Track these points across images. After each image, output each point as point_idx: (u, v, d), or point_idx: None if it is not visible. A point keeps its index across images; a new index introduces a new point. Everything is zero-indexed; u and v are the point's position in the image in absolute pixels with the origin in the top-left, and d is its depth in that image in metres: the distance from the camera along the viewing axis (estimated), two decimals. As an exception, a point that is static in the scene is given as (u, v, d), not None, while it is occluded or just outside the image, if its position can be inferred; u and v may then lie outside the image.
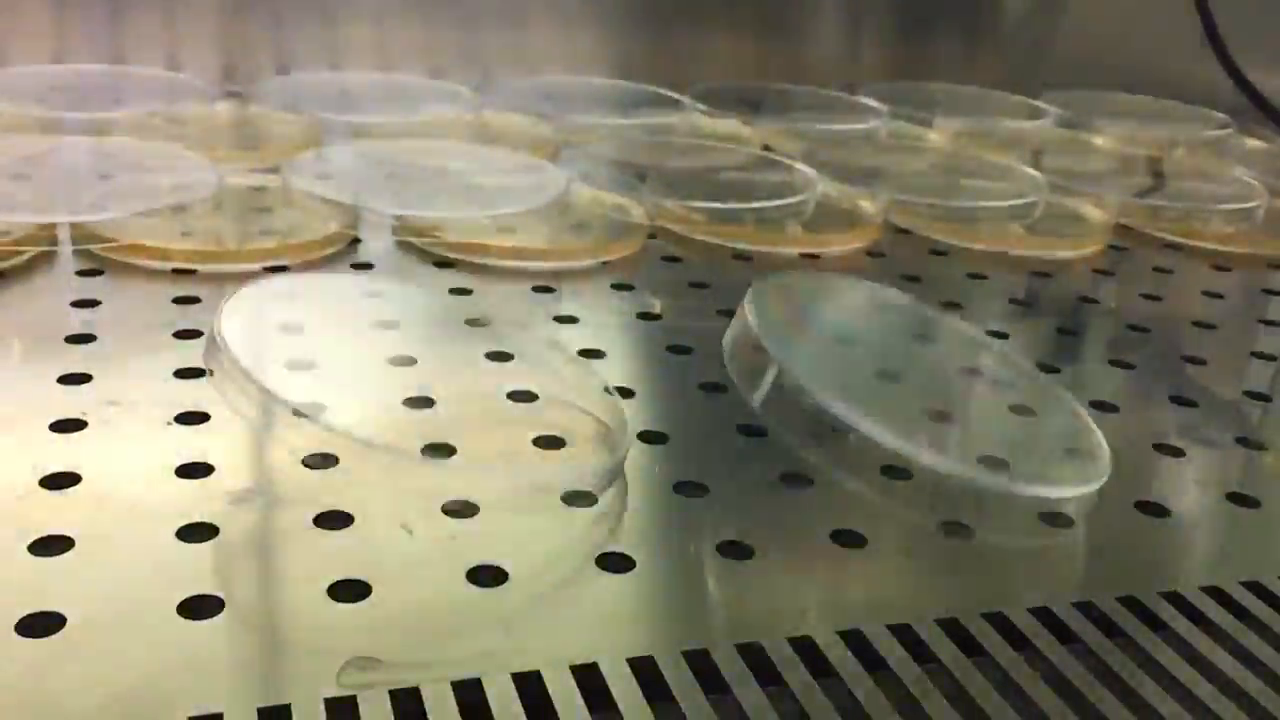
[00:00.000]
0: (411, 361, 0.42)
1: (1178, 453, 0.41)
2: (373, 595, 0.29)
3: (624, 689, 0.26)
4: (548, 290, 0.50)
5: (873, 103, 0.81)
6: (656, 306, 0.50)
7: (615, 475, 0.34)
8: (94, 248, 0.49)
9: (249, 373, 0.32)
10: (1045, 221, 0.64)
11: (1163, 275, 0.60)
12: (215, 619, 0.28)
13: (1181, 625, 0.31)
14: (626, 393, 0.41)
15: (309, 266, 0.50)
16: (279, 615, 0.29)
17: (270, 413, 0.32)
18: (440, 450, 0.36)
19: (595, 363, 0.43)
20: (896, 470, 0.37)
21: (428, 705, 0.25)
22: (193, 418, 0.36)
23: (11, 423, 0.36)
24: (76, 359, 0.40)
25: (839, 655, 0.28)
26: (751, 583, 0.31)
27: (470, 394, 0.41)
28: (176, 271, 0.48)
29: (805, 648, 0.28)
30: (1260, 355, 0.51)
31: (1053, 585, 0.33)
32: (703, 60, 0.86)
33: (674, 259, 0.56)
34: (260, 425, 0.32)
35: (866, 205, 0.63)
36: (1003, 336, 0.50)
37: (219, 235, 0.52)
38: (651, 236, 0.58)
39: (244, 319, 0.36)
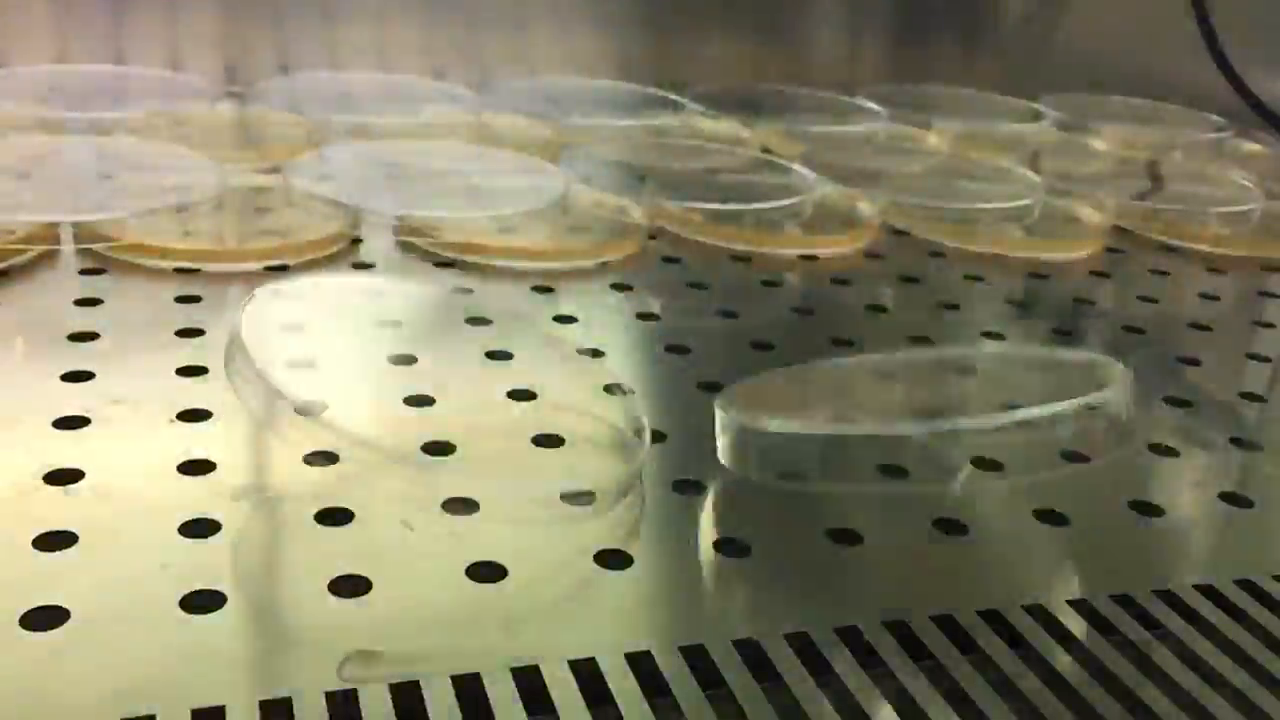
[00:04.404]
0: (412, 361, 0.42)
1: (1172, 453, 0.41)
2: (373, 590, 0.29)
3: (622, 684, 0.27)
4: (547, 290, 0.50)
5: (871, 105, 0.81)
6: (656, 307, 0.50)
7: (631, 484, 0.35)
8: (97, 247, 0.49)
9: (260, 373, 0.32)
10: (1042, 224, 0.64)
11: (1159, 277, 0.61)
12: (217, 614, 0.28)
13: (1175, 623, 0.31)
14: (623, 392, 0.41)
15: (310, 266, 0.50)
16: (280, 610, 0.29)
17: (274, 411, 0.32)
18: (439, 450, 0.36)
19: (594, 362, 0.44)
20: (892, 469, 0.37)
21: (428, 699, 0.26)
22: (195, 415, 0.37)
23: (15, 420, 0.36)
24: (79, 357, 0.40)
25: (835, 651, 0.29)
26: (748, 579, 0.32)
27: (470, 393, 0.41)
28: (178, 271, 0.48)
29: (801, 644, 0.29)
30: (1255, 357, 0.52)
31: (1047, 583, 0.33)
32: (702, 62, 0.86)
33: (673, 260, 0.56)
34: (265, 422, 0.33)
35: (865, 207, 0.63)
36: (1000, 338, 0.51)
37: (220, 235, 0.52)
38: (651, 237, 0.58)
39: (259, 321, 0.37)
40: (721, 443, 0.36)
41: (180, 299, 0.46)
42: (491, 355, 0.43)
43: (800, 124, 0.77)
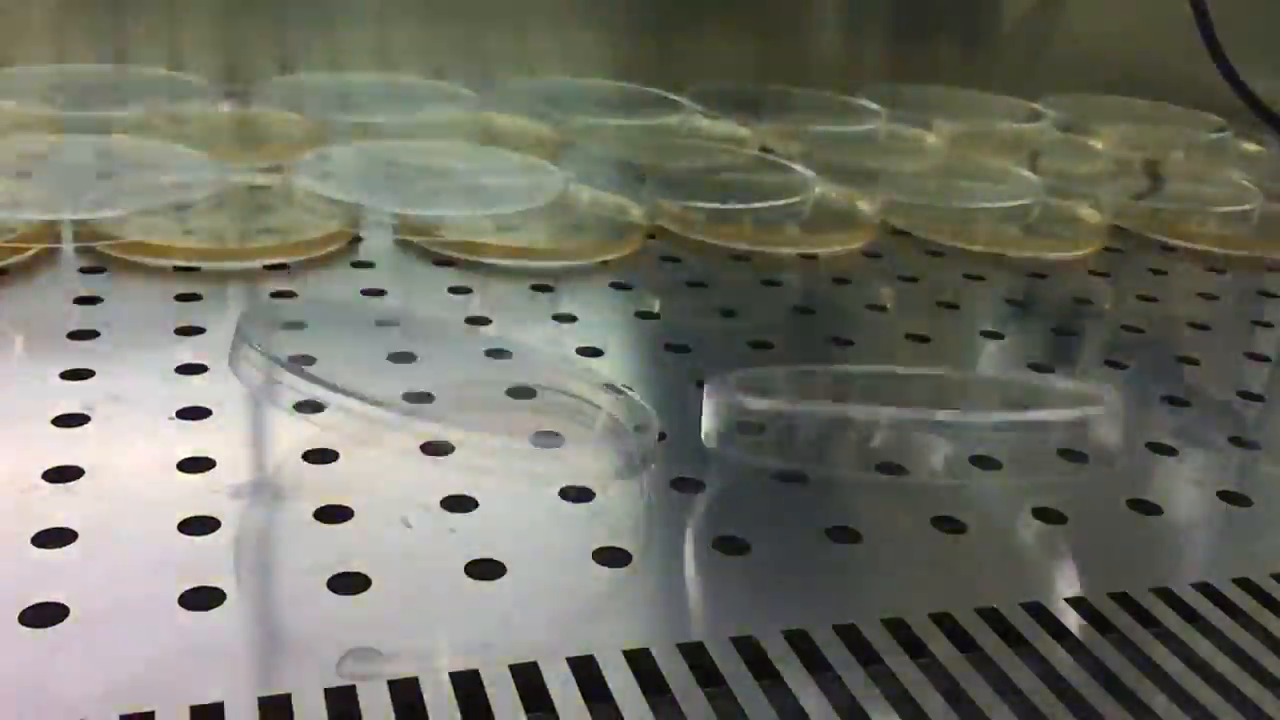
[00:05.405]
0: (411, 358, 0.42)
1: (1170, 452, 0.41)
2: (372, 588, 0.29)
3: (620, 681, 0.27)
4: (547, 289, 0.51)
5: (871, 105, 0.81)
6: (655, 306, 0.50)
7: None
8: (97, 245, 0.49)
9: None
10: (1042, 223, 0.64)
11: (1158, 277, 0.61)
12: (216, 611, 0.28)
13: (1173, 621, 0.31)
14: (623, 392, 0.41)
15: (310, 265, 0.51)
16: (279, 607, 0.29)
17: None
18: (438, 449, 0.36)
19: (594, 361, 0.44)
20: (891, 467, 0.37)
21: (426, 696, 0.26)
22: (194, 413, 0.37)
23: (15, 418, 0.36)
24: (79, 355, 0.40)
25: (834, 650, 0.29)
26: (746, 577, 0.32)
27: (469, 391, 0.41)
28: (178, 269, 0.48)
29: (800, 642, 0.29)
30: (1254, 356, 0.52)
31: (1046, 581, 0.33)
32: (702, 62, 0.86)
33: (673, 259, 0.56)
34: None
35: (864, 206, 0.63)
36: (999, 337, 0.51)
37: (221, 233, 0.52)
38: (650, 236, 0.58)
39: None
40: (705, 423, 0.36)
41: (180, 297, 0.46)
42: (491, 353, 0.43)
43: (800, 123, 0.77)
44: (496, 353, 0.43)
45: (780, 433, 0.35)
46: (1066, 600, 0.32)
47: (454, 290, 0.50)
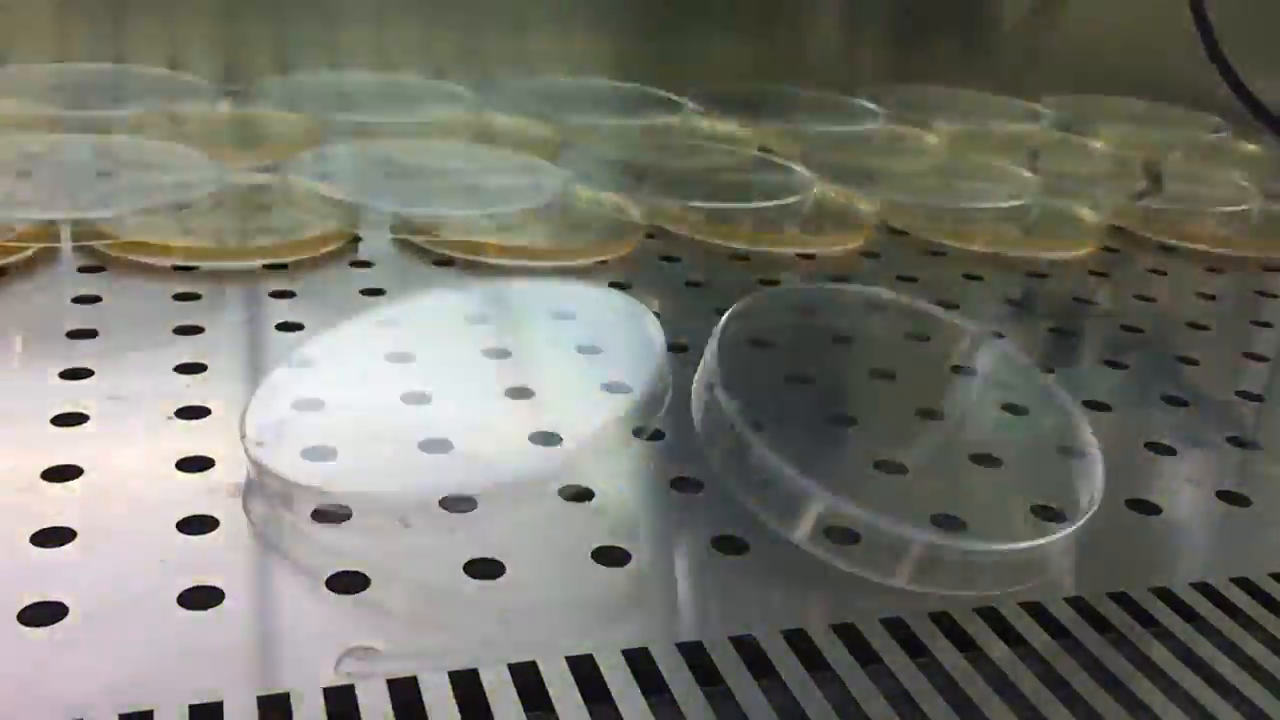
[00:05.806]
0: (410, 358, 0.42)
1: (1169, 451, 0.41)
2: (371, 587, 0.29)
3: (619, 681, 0.27)
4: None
5: (870, 105, 0.81)
6: (654, 305, 0.50)
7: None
8: (96, 244, 0.49)
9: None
10: (1041, 223, 0.64)
11: (1157, 277, 0.61)
12: (215, 609, 0.28)
13: (1172, 621, 0.31)
14: (624, 389, 0.41)
15: (309, 264, 0.51)
16: (278, 606, 0.29)
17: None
18: (436, 447, 0.36)
19: (592, 360, 0.44)
20: (890, 465, 0.37)
21: (425, 695, 0.26)
22: (193, 412, 0.37)
23: (14, 417, 0.36)
24: (78, 354, 0.40)
25: (832, 649, 0.29)
26: (746, 577, 0.32)
27: (468, 391, 0.41)
28: (177, 268, 0.48)
29: (799, 641, 0.29)
30: (1252, 356, 0.52)
31: (1045, 580, 0.33)
32: (702, 62, 0.86)
33: (671, 259, 0.56)
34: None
35: (863, 206, 0.63)
36: (998, 337, 0.51)
37: (219, 233, 0.52)
38: (649, 236, 0.58)
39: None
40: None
41: (179, 297, 0.46)
42: (489, 353, 0.43)
43: (799, 124, 0.77)
44: (496, 352, 0.43)
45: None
46: (1066, 600, 0.32)
47: (451, 290, 0.49)
